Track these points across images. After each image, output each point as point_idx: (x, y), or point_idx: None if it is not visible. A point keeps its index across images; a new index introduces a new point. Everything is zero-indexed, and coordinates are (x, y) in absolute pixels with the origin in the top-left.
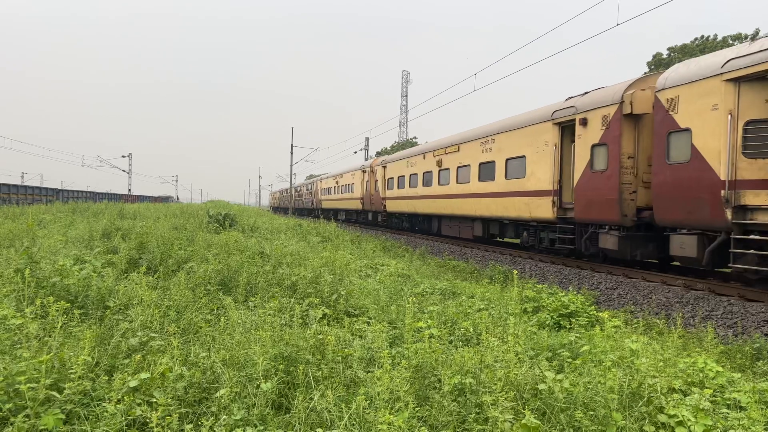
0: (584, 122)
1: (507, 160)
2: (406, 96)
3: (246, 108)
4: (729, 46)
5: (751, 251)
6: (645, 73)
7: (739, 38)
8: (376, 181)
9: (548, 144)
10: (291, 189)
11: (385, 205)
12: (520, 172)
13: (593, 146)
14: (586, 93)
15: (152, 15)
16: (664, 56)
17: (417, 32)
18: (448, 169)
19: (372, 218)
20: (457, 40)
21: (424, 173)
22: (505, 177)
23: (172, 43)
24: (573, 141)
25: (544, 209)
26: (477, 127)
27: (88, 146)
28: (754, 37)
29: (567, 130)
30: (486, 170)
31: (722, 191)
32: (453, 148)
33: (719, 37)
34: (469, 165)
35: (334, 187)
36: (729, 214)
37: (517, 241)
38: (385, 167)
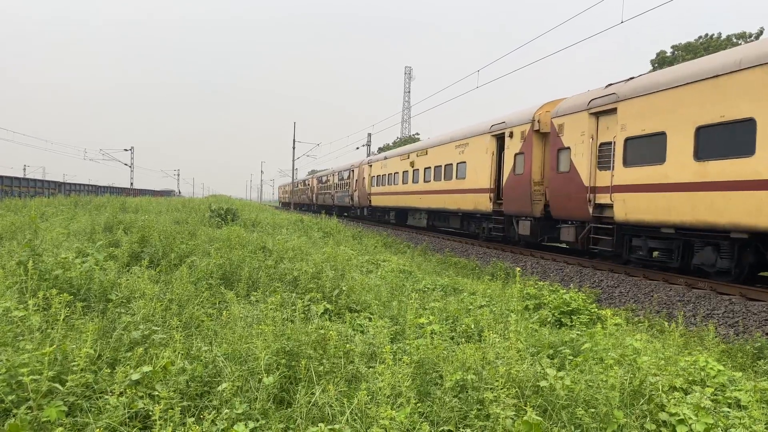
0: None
1: (457, 164)
2: (409, 92)
3: (247, 106)
4: (734, 45)
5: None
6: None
7: (743, 37)
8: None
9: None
10: (292, 179)
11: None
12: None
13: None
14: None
15: (154, 15)
16: (668, 54)
17: (418, 32)
18: (418, 169)
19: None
20: (457, 40)
21: (403, 172)
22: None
23: (173, 43)
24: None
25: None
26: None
27: (91, 140)
28: (759, 36)
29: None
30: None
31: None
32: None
33: (723, 36)
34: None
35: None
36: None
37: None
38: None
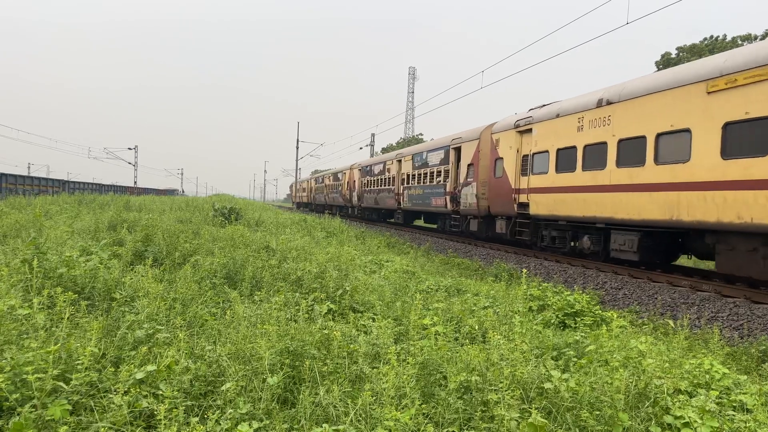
0: (463, 149)
1: (435, 169)
2: (413, 92)
3: (252, 106)
4: (738, 46)
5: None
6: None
7: (748, 38)
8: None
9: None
10: (296, 176)
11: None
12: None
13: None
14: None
15: (156, 16)
16: (673, 56)
17: (421, 33)
18: (393, 176)
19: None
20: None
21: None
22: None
23: (178, 42)
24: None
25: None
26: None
27: (95, 139)
28: (764, 37)
29: (458, 152)
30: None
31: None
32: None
33: (728, 38)
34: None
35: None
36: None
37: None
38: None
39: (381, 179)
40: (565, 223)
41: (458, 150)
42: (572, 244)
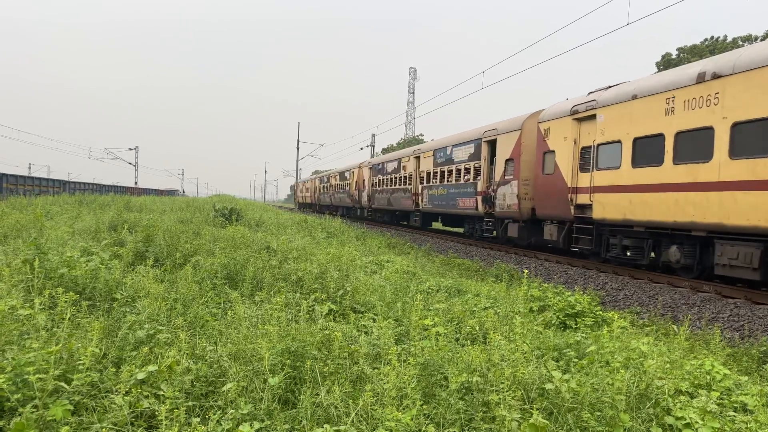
0: (499, 142)
1: (463, 166)
2: (413, 93)
3: (252, 107)
4: (739, 46)
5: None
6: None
7: (749, 39)
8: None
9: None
10: (296, 178)
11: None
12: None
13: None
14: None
15: (156, 16)
16: (674, 56)
17: (421, 33)
18: (410, 174)
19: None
20: (462, 40)
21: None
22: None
23: (178, 43)
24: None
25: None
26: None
27: (96, 139)
28: (765, 37)
29: (491, 144)
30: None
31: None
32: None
33: (729, 38)
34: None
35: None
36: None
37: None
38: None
39: (395, 178)
40: (643, 230)
41: (492, 143)
42: (652, 255)
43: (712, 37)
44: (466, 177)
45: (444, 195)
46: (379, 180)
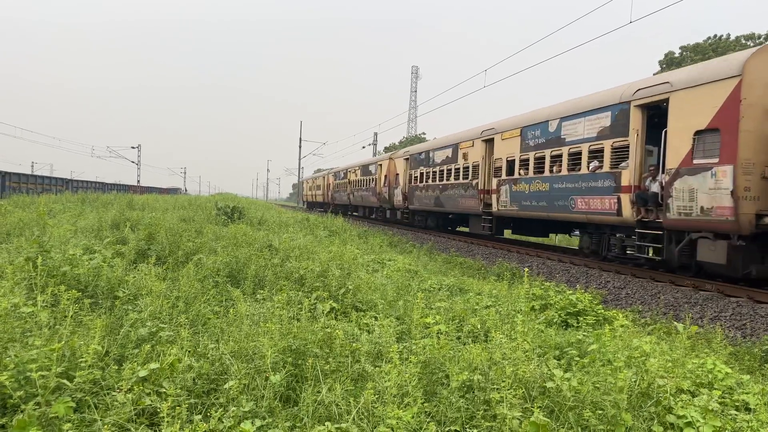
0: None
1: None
2: (416, 92)
3: (254, 106)
4: (743, 46)
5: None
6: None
7: (752, 38)
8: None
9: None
10: (298, 177)
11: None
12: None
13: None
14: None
15: (156, 16)
16: (677, 55)
17: (421, 33)
18: (476, 164)
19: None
20: (462, 39)
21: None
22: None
23: (179, 42)
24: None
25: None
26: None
27: (99, 138)
28: None
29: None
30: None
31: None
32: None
33: (732, 37)
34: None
35: None
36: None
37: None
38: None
39: (448, 170)
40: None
41: (648, 109)
42: None
43: (715, 36)
44: (593, 164)
45: (544, 192)
46: (422, 174)
